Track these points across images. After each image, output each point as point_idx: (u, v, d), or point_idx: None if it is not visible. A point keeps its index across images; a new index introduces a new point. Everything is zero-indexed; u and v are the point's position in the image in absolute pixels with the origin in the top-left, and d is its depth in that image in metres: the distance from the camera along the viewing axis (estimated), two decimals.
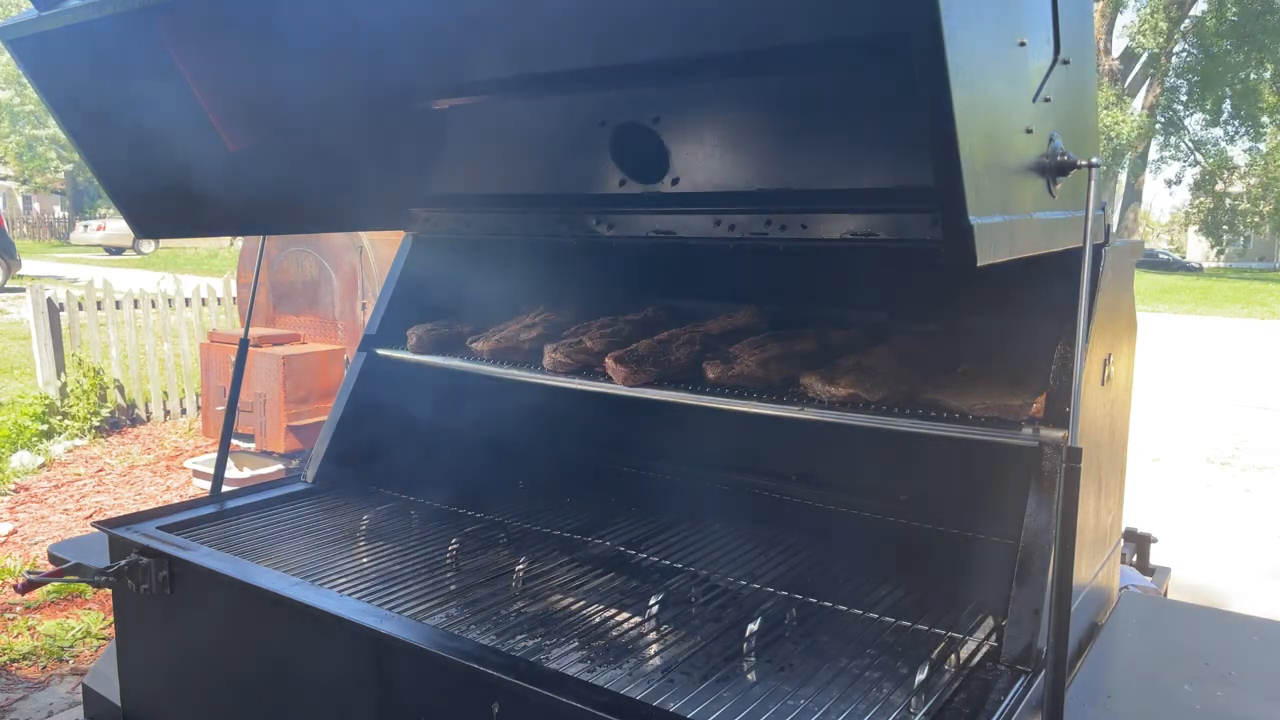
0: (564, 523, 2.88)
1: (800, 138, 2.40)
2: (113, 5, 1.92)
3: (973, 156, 1.27)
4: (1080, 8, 1.77)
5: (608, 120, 2.63)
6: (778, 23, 2.16)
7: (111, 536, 2.46)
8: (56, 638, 4.45)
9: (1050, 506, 1.92)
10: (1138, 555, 3.70)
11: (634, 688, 1.92)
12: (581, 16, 2.37)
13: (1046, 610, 1.83)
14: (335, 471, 3.06)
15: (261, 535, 2.69)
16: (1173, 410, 10.75)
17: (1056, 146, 1.64)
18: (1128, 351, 2.49)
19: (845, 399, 2.21)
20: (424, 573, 2.51)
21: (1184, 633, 2.42)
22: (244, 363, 3.10)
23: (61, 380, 8.30)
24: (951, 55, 1.18)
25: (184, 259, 30.91)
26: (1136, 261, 2.65)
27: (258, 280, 3.29)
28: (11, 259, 19.56)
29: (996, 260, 1.39)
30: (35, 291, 8.36)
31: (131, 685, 2.56)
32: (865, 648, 2.13)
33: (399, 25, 2.61)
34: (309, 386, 6.16)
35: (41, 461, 7.34)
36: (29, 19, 2.08)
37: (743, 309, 2.92)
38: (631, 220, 2.67)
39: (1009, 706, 1.74)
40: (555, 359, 2.65)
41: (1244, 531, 6.68)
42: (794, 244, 2.38)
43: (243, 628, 2.29)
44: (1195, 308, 25.07)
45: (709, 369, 2.45)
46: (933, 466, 2.78)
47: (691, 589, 2.42)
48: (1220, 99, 37.47)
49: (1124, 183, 40.62)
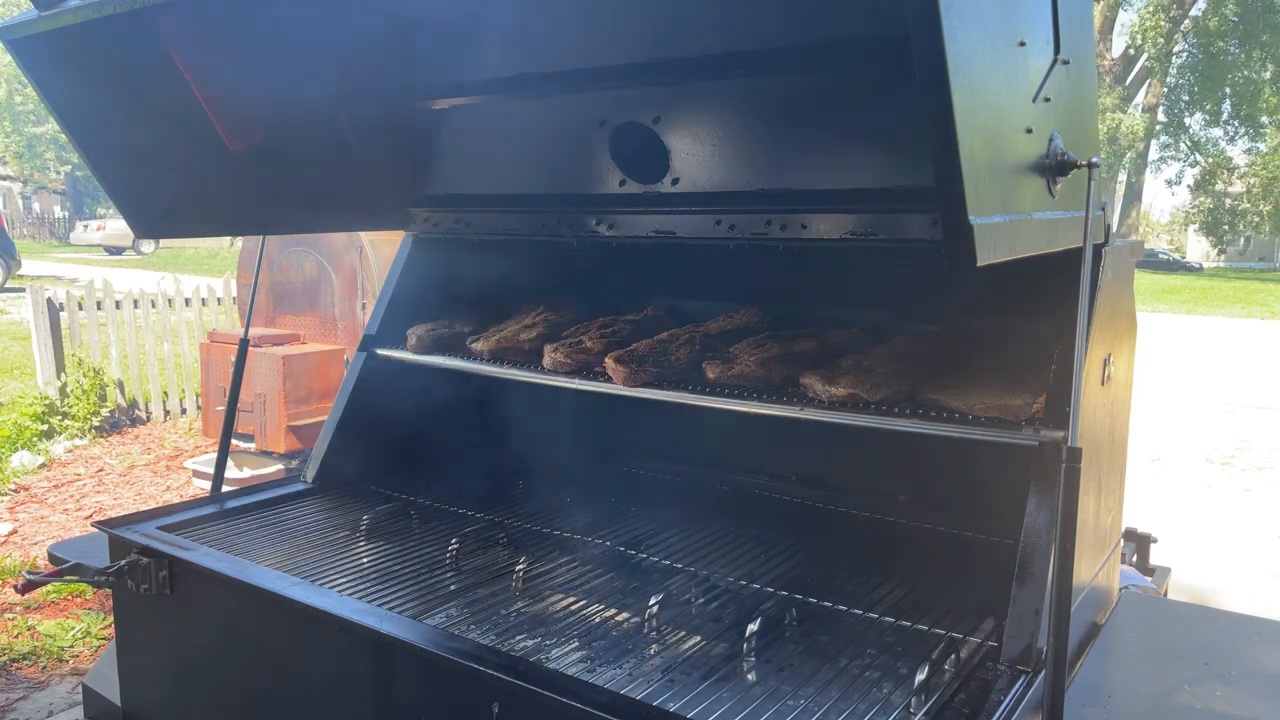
0: (564, 523, 2.88)
1: (800, 138, 2.40)
2: (113, 5, 1.92)
3: (973, 156, 1.27)
4: (1080, 8, 1.77)
5: (608, 120, 2.63)
6: (778, 23, 2.16)
7: (111, 536, 2.46)
8: (56, 638, 4.45)
9: (1050, 506, 1.92)
10: (1138, 555, 3.70)
11: (634, 688, 1.92)
12: (581, 17, 2.37)
13: (1046, 610, 1.83)
14: (335, 471, 3.06)
15: (261, 535, 2.69)
16: (1173, 410, 10.75)
17: (1056, 146, 1.64)
18: (1128, 351, 2.49)
19: (845, 399, 2.21)
20: (424, 573, 2.51)
21: (1184, 633, 2.42)
22: (244, 363, 3.10)
23: (61, 380, 8.30)
24: (951, 55, 1.18)
25: (184, 259, 30.91)
26: (1136, 261, 2.65)
27: (258, 280, 3.29)
28: (11, 259, 19.56)
29: (996, 260, 1.39)
30: (35, 291, 8.36)
31: (131, 685, 2.56)
32: (865, 648, 2.12)
33: (399, 25, 2.61)
34: (309, 386, 6.16)
35: (41, 461, 7.34)
36: (29, 19, 2.08)
37: (743, 309, 2.92)
38: (631, 220, 2.68)
39: (1009, 706, 1.74)
40: (555, 359, 2.64)
41: (1244, 531, 6.68)
42: (794, 244, 2.38)
43: (243, 628, 2.29)
44: (1195, 308, 25.07)
45: (709, 369, 2.45)
46: (933, 466, 2.78)
47: (691, 589, 2.42)
48: (1220, 99, 37.46)
49: (1124, 182, 40.62)
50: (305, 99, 2.67)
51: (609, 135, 2.64)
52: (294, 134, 2.68)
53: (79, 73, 2.20)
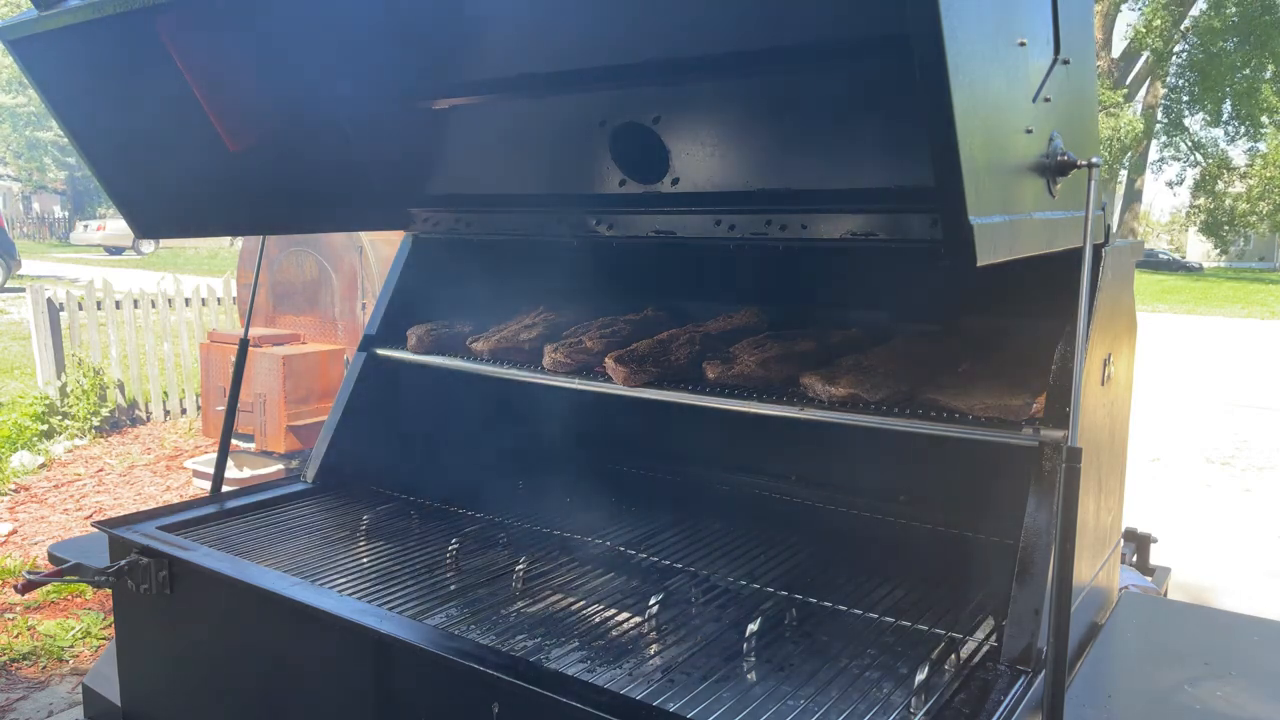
0: (564, 523, 2.88)
1: (800, 137, 2.40)
2: (113, 5, 1.92)
3: (973, 156, 1.27)
4: (1080, 8, 1.77)
5: (608, 120, 2.63)
6: (778, 23, 2.16)
7: (111, 536, 2.46)
8: (56, 638, 4.45)
9: (1050, 506, 1.92)
10: (1138, 555, 3.70)
11: (634, 688, 1.92)
12: (582, 17, 2.37)
13: (1046, 610, 1.83)
14: (335, 471, 3.06)
15: (261, 535, 2.69)
16: (1173, 410, 10.75)
17: (1056, 146, 1.64)
18: (1128, 351, 2.49)
19: (845, 399, 2.21)
20: (424, 573, 2.51)
21: (1184, 633, 2.42)
22: (244, 363, 3.10)
23: (61, 380, 8.30)
24: (951, 55, 1.18)
25: (184, 259, 30.91)
26: (1136, 261, 2.65)
27: (258, 280, 3.29)
28: (11, 259, 19.56)
29: (996, 260, 1.39)
30: (35, 291, 8.36)
31: (131, 685, 2.56)
32: (865, 648, 2.12)
33: (400, 25, 2.61)
34: (309, 386, 6.16)
35: (41, 461, 7.34)
36: (29, 19, 2.08)
37: (743, 309, 2.92)
38: (631, 220, 2.68)
39: (1009, 706, 1.74)
40: (555, 359, 2.64)
41: (1244, 531, 6.68)
42: (794, 244, 2.38)
43: (243, 628, 2.29)
44: (1195, 308, 25.06)
45: (709, 369, 2.45)
46: (933, 466, 2.78)
47: (691, 589, 2.42)
48: (1220, 99, 37.44)
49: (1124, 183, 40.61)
50: (305, 99, 2.67)
51: (609, 135, 2.64)
52: (294, 134, 2.68)
53: (79, 73, 2.20)
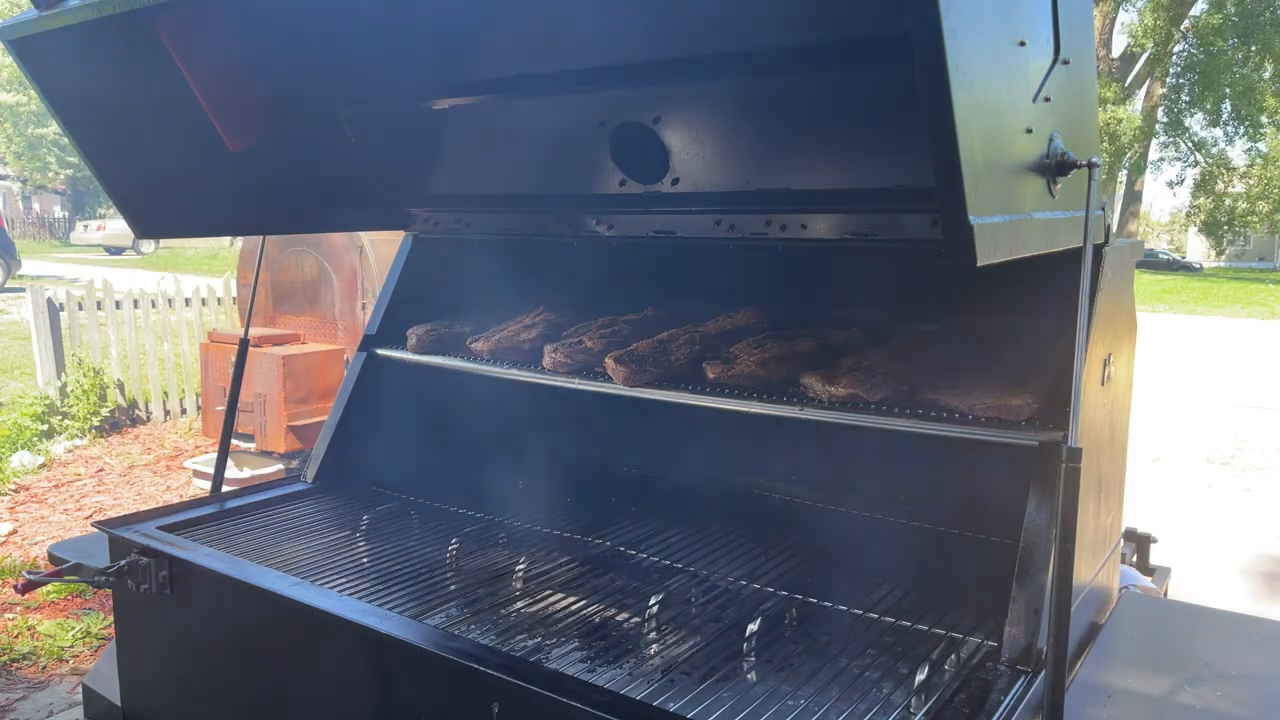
0: (564, 523, 2.88)
1: (800, 138, 2.40)
2: (113, 5, 1.92)
3: (973, 156, 1.27)
4: (1080, 8, 1.77)
5: (608, 120, 2.63)
6: (778, 22, 2.16)
7: (111, 536, 2.46)
8: (56, 638, 4.45)
9: (1050, 506, 1.92)
10: (1138, 555, 3.69)
11: (634, 688, 1.92)
12: (581, 17, 2.37)
13: (1046, 610, 1.83)
14: (335, 471, 3.06)
15: (261, 535, 2.69)
16: (1173, 410, 10.75)
17: (1056, 146, 1.64)
18: (1128, 351, 2.49)
19: (845, 399, 2.21)
20: (424, 573, 2.51)
21: (1184, 633, 2.42)
22: (244, 363, 3.10)
23: (61, 380, 8.30)
24: (951, 55, 1.18)
25: (184, 259, 30.91)
26: (1136, 261, 2.65)
27: (258, 280, 3.29)
28: (11, 259, 19.56)
29: (996, 260, 1.39)
30: (35, 291, 8.36)
31: (131, 685, 2.56)
32: (865, 648, 2.12)
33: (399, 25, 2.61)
34: (309, 386, 6.16)
35: (41, 461, 7.34)
36: (29, 19, 2.08)
37: (743, 309, 2.92)
38: (631, 220, 2.67)
39: (1009, 706, 1.74)
40: (555, 359, 2.64)
41: (1244, 531, 6.68)
42: (794, 244, 2.38)
43: (243, 628, 2.29)
44: (1195, 308, 25.06)
45: (709, 369, 2.45)
46: (933, 466, 2.78)
47: (691, 589, 2.42)
48: (1220, 99, 37.43)
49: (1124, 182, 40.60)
50: (305, 98, 2.67)
51: (609, 135, 2.64)
52: (294, 134, 2.68)
53: (79, 73, 2.20)
